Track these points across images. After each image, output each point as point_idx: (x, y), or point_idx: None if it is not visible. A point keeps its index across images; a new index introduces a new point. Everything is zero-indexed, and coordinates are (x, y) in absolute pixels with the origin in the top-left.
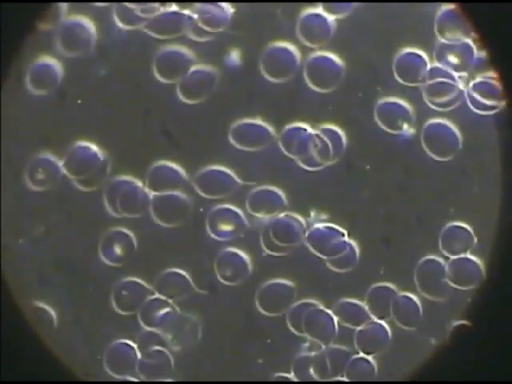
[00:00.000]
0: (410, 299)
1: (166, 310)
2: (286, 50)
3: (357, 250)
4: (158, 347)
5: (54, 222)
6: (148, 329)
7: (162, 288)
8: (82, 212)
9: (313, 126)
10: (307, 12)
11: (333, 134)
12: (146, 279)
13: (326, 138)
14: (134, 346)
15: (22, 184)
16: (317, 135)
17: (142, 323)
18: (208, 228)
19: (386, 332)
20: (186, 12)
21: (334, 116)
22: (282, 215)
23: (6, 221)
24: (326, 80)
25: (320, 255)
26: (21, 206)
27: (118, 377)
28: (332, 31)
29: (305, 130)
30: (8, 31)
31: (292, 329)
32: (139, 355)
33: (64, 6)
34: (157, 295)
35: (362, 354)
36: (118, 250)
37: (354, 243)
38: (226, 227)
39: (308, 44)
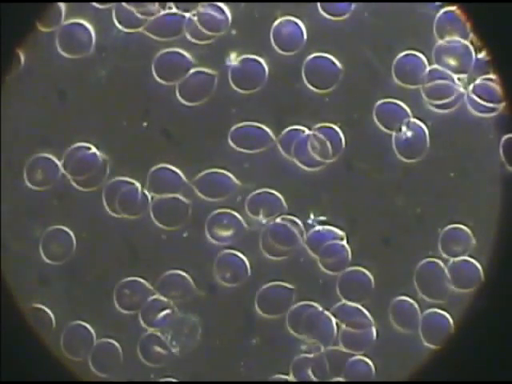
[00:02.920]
0: (409, 300)
1: (166, 311)
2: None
3: (354, 253)
4: (158, 348)
5: (54, 222)
6: (148, 329)
7: (162, 289)
8: (81, 212)
9: (312, 127)
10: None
11: (332, 134)
12: (146, 280)
13: (325, 138)
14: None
15: (21, 184)
16: (315, 135)
17: (142, 324)
18: (207, 232)
19: (376, 332)
20: (186, 14)
21: (333, 116)
22: (281, 217)
23: (6, 221)
24: (326, 81)
25: (318, 257)
26: (21, 206)
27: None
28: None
29: (303, 131)
30: (8, 31)
31: (291, 331)
32: (139, 355)
33: (64, 6)
34: (157, 296)
35: (359, 356)
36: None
37: (352, 245)
38: (225, 232)
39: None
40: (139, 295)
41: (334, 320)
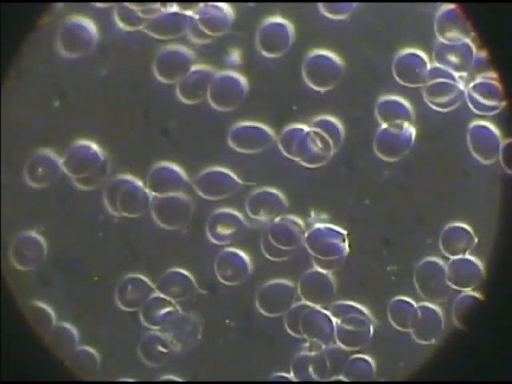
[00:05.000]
0: (408, 300)
1: (167, 309)
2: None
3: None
4: (158, 347)
5: (54, 222)
6: (149, 328)
7: (163, 287)
8: (81, 211)
9: (312, 126)
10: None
11: (332, 133)
12: (147, 279)
13: (325, 135)
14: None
15: (21, 183)
16: (316, 133)
17: (143, 323)
18: (208, 231)
19: (377, 332)
20: (187, 13)
21: (333, 115)
22: (281, 216)
23: (6, 221)
24: (326, 80)
25: (319, 256)
26: (21, 205)
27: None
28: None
29: (303, 130)
30: (8, 31)
31: (291, 329)
32: (140, 354)
33: (64, 6)
34: (158, 294)
35: (359, 354)
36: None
37: (352, 245)
38: (226, 230)
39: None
40: (140, 293)
41: (333, 319)
